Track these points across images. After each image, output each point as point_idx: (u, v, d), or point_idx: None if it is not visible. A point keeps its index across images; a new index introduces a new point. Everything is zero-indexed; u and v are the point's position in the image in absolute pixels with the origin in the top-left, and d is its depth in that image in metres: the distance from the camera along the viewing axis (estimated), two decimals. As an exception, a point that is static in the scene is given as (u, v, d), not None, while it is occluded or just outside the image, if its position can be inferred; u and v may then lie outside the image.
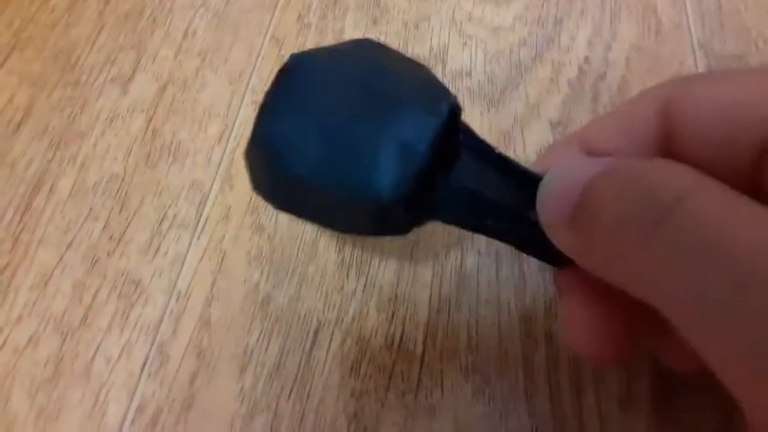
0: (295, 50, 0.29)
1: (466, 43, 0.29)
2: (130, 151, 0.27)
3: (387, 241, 0.24)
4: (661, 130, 0.16)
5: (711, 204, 0.12)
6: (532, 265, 0.23)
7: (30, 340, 0.22)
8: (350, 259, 0.24)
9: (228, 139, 0.27)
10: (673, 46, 0.28)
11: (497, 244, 0.24)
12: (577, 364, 0.21)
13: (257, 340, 0.22)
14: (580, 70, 0.28)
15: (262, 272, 0.23)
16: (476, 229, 0.18)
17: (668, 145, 0.16)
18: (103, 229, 0.25)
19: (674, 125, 0.16)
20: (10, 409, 0.21)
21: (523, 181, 0.17)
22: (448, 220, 0.18)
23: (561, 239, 0.15)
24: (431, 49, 0.29)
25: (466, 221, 0.18)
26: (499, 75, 0.28)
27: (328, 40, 0.30)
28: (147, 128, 0.27)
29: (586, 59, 0.28)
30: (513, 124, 0.26)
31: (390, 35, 0.30)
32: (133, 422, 0.21)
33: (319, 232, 0.24)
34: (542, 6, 0.30)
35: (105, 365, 0.22)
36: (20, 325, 0.22)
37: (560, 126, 0.26)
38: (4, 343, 0.22)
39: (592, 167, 0.14)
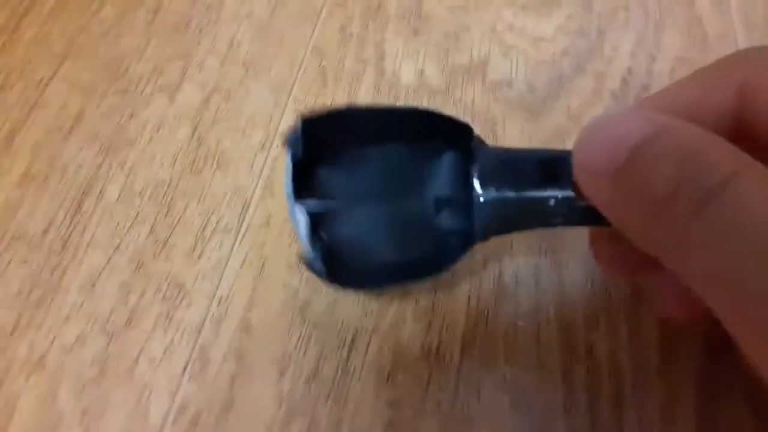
0: (336, 61, 0.30)
1: (506, 53, 0.29)
2: (176, 158, 0.27)
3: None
4: (736, 107, 0.16)
5: (760, 188, 0.12)
6: (572, 276, 0.23)
7: (77, 339, 0.23)
8: (388, 267, 0.24)
9: (270, 148, 0.27)
10: (719, 57, 0.28)
11: (536, 257, 0.23)
12: (618, 378, 0.21)
13: (296, 346, 0.22)
14: (624, 81, 0.27)
15: (301, 278, 0.24)
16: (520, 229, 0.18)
17: (740, 123, 0.16)
18: (149, 233, 0.25)
19: (748, 105, 0.16)
20: (57, 406, 0.22)
21: (550, 164, 0.17)
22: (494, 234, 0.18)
23: (596, 191, 0.15)
24: (471, 60, 0.29)
25: (508, 228, 0.18)
26: (540, 86, 0.28)
27: (368, 51, 0.30)
28: (192, 136, 0.28)
29: (630, 70, 0.28)
30: (554, 135, 0.26)
31: (430, 46, 0.30)
32: (174, 423, 0.21)
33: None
34: (584, 17, 0.30)
35: (148, 366, 0.22)
36: (68, 325, 0.23)
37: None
38: (53, 341, 0.23)
39: (642, 125, 0.14)
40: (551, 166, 0.17)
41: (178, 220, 0.25)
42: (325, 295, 0.23)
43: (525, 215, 0.18)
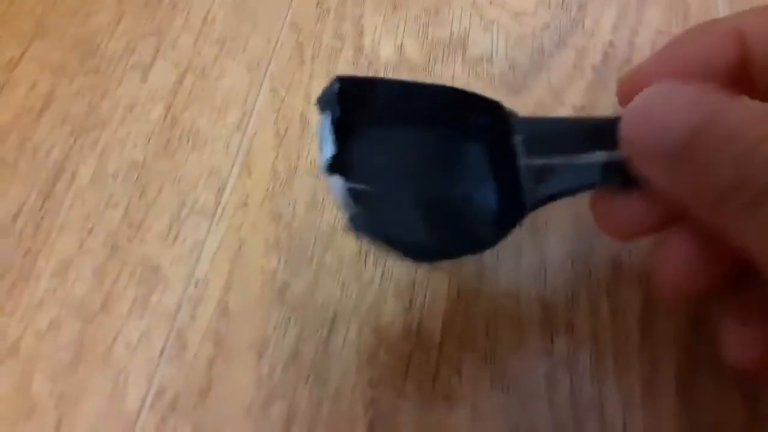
0: (313, 37, 0.29)
1: (487, 28, 0.29)
2: (150, 138, 0.27)
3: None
4: (738, 61, 0.16)
5: None
6: (553, 254, 0.23)
7: (51, 325, 0.22)
8: (368, 247, 0.23)
9: (246, 127, 0.27)
10: (701, 31, 0.27)
11: (517, 235, 0.23)
12: (599, 355, 0.21)
13: (274, 328, 0.22)
14: (605, 55, 0.27)
15: (279, 260, 0.23)
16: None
17: (742, 74, 0.16)
18: (123, 216, 0.25)
19: (751, 56, 0.16)
20: (31, 392, 0.21)
21: (593, 130, 0.17)
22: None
23: (649, 169, 0.15)
24: (452, 34, 0.29)
25: (555, 195, 0.18)
26: (521, 61, 0.27)
27: (347, 26, 0.29)
28: (166, 116, 0.27)
29: (611, 44, 0.27)
30: (535, 110, 0.26)
31: (410, 20, 0.29)
32: (152, 407, 0.21)
33: (338, 220, 0.24)
34: (566, -10, 0.29)
35: (125, 350, 0.22)
36: (41, 310, 0.23)
37: (584, 112, 0.26)
38: (26, 327, 0.22)
39: (695, 107, 0.14)
40: (595, 132, 0.17)
41: (153, 202, 0.25)
42: (303, 276, 0.23)
43: (573, 180, 0.17)
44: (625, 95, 0.18)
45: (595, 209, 0.19)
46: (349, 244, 0.24)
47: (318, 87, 0.27)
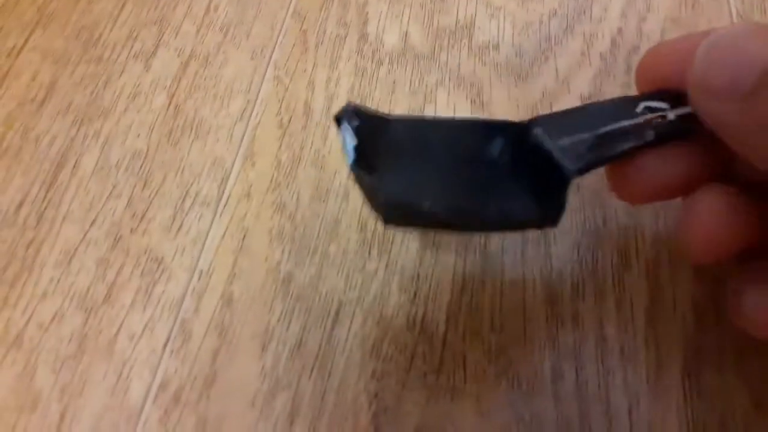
0: (317, 25, 0.29)
1: (493, 14, 0.28)
2: (153, 128, 0.26)
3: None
4: None
5: None
6: (558, 245, 0.23)
7: (54, 316, 0.22)
8: (372, 238, 0.23)
9: (250, 116, 0.26)
10: (710, 17, 0.27)
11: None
12: (605, 347, 0.21)
13: (278, 319, 0.22)
14: (613, 42, 0.27)
15: (283, 251, 0.23)
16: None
17: None
18: (126, 206, 0.25)
19: None
20: (35, 385, 0.21)
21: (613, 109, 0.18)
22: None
23: (721, 115, 0.15)
24: (457, 21, 0.28)
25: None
26: (527, 48, 0.27)
27: (351, 14, 0.29)
28: (169, 105, 0.27)
29: (619, 31, 0.27)
30: (541, 99, 0.26)
31: (415, 7, 0.29)
32: (155, 399, 0.21)
33: (342, 211, 0.24)
34: (574, -24, 0.29)
35: (128, 342, 0.22)
36: (45, 301, 0.23)
37: (591, 100, 0.25)
38: (30, 318, 0.22)
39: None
40: (609, 110, 0.18)
41: (156, 193, 0.25)
42: (307, 267, 0.23)
43: (612, 147, 0.17)
44: (646, 75, 0.18)
45: (611, 173, 0.18)
46: (353, 235, 0.23)
47: (322, 76, 0.27)
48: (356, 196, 0.24)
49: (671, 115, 0.17)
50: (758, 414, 0.19)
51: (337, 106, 0.26)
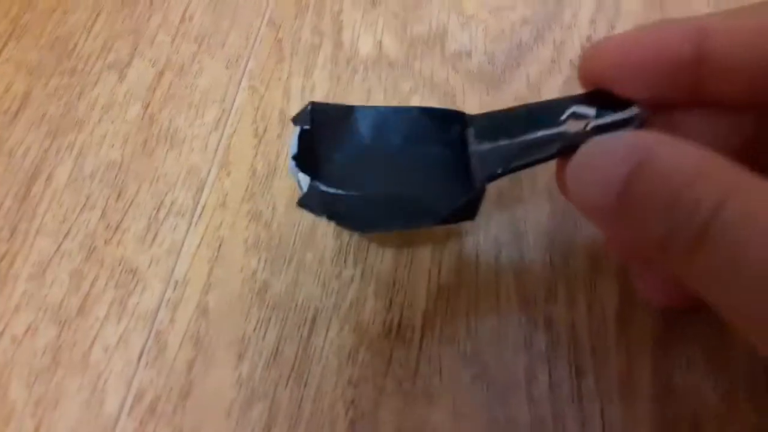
0: (292, 34, 0.29)
1: (466, 23, 0.28)
2: (127, 138, 0.26)
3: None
4: (693, 62, 0.16)
5: (747, 213, 0.12)
6: (532, 250, 0.23)
7: (28, 329, 0.22)
8: (348, 245, 0.23)
9: (225, 125, 0.26)
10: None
11: (496, 230, 0.23)
12: (577, 349, 0.21)
13: (255, 328, 0.22)
14: (583, 49, 0.27)
15: (259, 260, 0.23)
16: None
17: (699, 76, 0.16)
18: (101, 217, 0.24)
19: (708, 57, 0.16)
20: (8, 398, 0.21)
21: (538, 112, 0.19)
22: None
23: (596, 220, 0.16)
24: (430, 29, 0.28)
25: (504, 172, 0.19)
26: (499, 56, 0.27)
27: (326, 22, 0.29)
28: (144, 115, 0.27)
29: (589, 38, 0.27)
30: (514, 105, 0.26)
31: (388, 16, 0.29)
32: (131, 410, 0.21)
33: (318, 219, 0.24)
34: (544, -16, 0.29)
35: (103, 354, 0.22)
36: (18, 314, 0.22)
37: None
38: (2, 332, 0.22)
39: (627, 157, 0.14)
40: (536, 115, 0.19)
41: (131, 203, 0.25)
42: (284, 276, 0.23)
43: (515, 158, 0.19)
44: (587, 76, 0.19)
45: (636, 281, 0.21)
46: (330, 242, 0.23)
47: (297, 84, 0.27)
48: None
49: (590, 125, 0.18)
50: (729, 411, 0.20)
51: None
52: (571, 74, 0.26)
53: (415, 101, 0.26)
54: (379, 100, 0.27)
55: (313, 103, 0.21)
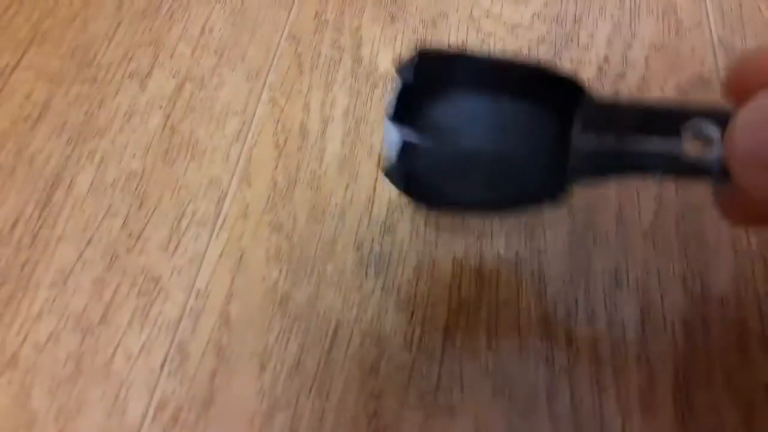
0: (311, 48, 0.29)
1: (484, 40, 0.29)
2: (149, 148, 0.27)
3: (405, 241, 0.24)
4: None
5: None
6: (551, 266, 0.23)
7: (50, 337, 0.22)
8: (369, 258, 0.24)
9: (246, 137, 0.27)
10: (693, 45, 0.28)
11: (516, 246, 0.23)
12: (598, 365, 0.21)
13: (276, 339, 0.22)
14: (600, 69, 0.28)
15: (280, 271, 0.23)
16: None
17: None
18: (122, 226, 0.25)
19: None
20: (30, 407, 0.21)
21: (659, 116, 0.17)
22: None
23: (760, 184, 0.14)
24: (449, 46, 0.29)
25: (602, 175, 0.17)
26: (518, 73, 0.28)
27: (345, 37, 0.29)
28: (165, 125, 0.27)
29: (606, 58, 0.28)
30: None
31: (407, 32, 0.29)
32: (153, 420, 0.21)
33: (338, 231, 0.24)
34: (561, 4, 0.30)
35: (125, 363, 0.22)
36: (40, 322, 0.23)
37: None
38: (25, 339, 0.22)
39: None
40: (659, 118, 0.17)
41: (152, 212, 0.25)
42: (305, 287, 0.23)
43: (621, 164, 0.17)
44: (738, 90, 0.17)
45: (721, 208, 0.18)
46: (350, 255, 0.24)
47: (317, 98, 0.27)
48: (352, 216, 0.24)
49: (714, 153, 0.16)
50: (747, 430, 0.20)
51: (332, 128, 0.26)
52: (590, 93, 0.27)
53: (435, 117, 0.27)
54: (398, 114, 0.27)
55: (420, 53, 0.19)
